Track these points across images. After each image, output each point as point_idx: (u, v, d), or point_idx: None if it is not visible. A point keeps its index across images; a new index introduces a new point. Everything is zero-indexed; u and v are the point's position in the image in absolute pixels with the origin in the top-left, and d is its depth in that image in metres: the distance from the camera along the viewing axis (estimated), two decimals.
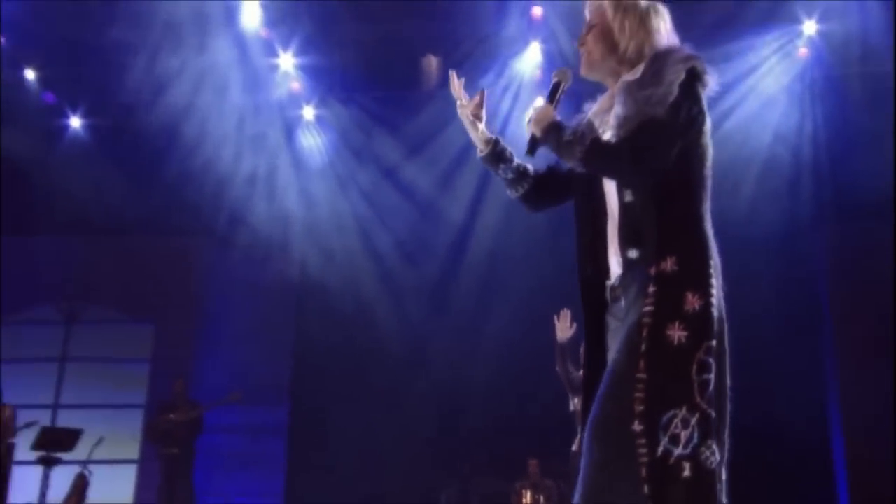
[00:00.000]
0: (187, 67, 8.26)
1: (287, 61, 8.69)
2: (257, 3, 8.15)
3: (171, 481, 7.98)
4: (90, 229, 9.12)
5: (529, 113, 2.37)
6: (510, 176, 2.53)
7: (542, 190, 2.57)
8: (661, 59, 2.23)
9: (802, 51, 8.00)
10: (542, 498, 7.17)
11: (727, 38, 7.54)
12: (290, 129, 9.33)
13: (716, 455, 2.03)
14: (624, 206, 2.22)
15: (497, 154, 2.50)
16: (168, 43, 8.11)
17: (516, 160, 2.54)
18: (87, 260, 9.38)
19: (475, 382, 8.08)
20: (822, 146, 8.09)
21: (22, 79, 8.87)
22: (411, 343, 8.74)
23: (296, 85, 9.01)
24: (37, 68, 8.87)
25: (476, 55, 8.69)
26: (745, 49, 7.78)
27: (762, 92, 8.12)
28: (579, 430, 4.98)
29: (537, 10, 8.22)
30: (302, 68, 8.81)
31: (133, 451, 9.29)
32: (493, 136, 2.53)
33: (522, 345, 6.18)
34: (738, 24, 7.58)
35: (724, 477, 2.12)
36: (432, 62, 9.05)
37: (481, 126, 2.54)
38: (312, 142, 9.34)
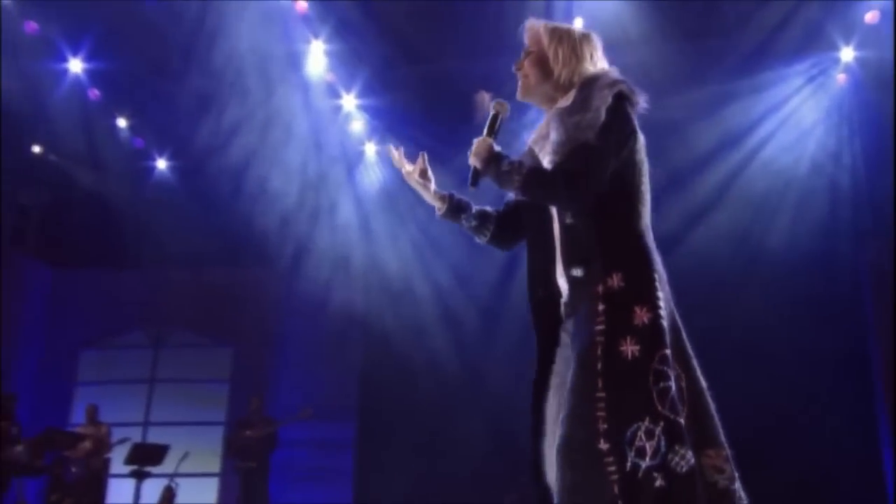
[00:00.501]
0: (257, 112, 8.63)
1: (349, 102, 9.04)
2: (322, 50, 8.52)
3: (248, 493, 8.18)
4: (173, 262, 9.42)
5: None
6: (474, 223, 2.51)
7: (506, 227, 2.53)
8: (588, 85, 2.24)
9: (841, 77, 7.98)
10: None
11: (763, 68, 7.58)
12: (351, 166, 9.60)
13: (688, 459, 1.97)
14: (566, 228, 2.22)
15: (455, 207, 2.51)
16: (239, 90, 8.51)
17: (475, 207, 2.53)
18: (172, 290, 9.68)
19: (527, 398, 8.11)
20: (860, 170, 8.00)
21: (114, 127, 9.43)
22: (466, 363, 8.81)
23: (357, 124, 9.35)
24: (127, 117, 9.34)
25: None
26: (780, 78, 7.81)
27: (800, 119, 8.12)
28: None
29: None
30: (363, 108, 9.14)
31: (215, 465, 9.50)
32: (446, 193, 2.53)
33: None
34: (773, 53, 7.60)
35: (735, 475, 2.09)
36: (484, 98, 9.27)
37: (432, 186, 2.53)
38: (373, 177, 9.62)
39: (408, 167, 2.53)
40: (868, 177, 8.01)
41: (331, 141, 9.18)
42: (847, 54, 7.76)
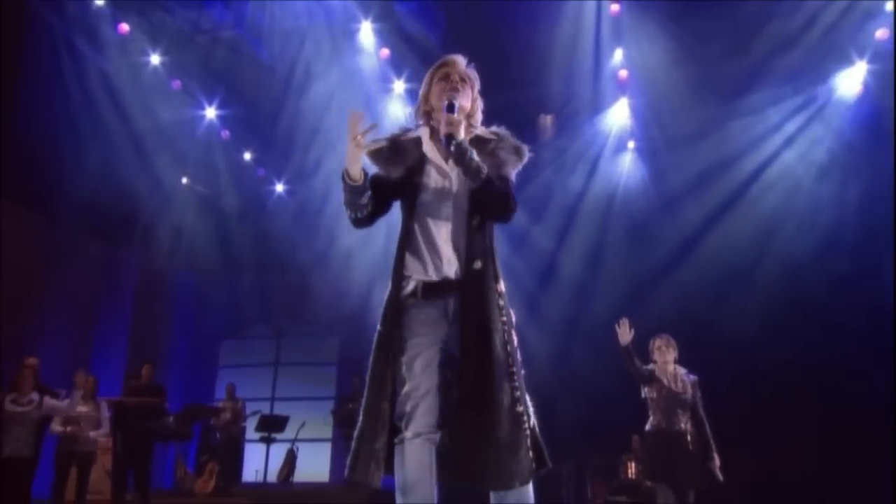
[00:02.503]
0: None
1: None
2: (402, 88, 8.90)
3: None
4: (287, 268, 9.88)
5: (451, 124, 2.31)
6: (363, 202, 2.36)
7: (375, 211, 2.43)
8: (507, 138, 2.42)
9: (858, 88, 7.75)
10: (643, 468, 7.23)
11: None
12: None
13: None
14: (471, 227, 2.30)
15: (365, 185, 2.34)
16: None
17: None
18: (288, 290, 10.17)
19: (571, 377, 8.29)
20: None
21: (241, 159, 10.13)
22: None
23: None
24: (251, 151, 10.06)
25: (580, 110, 8.99)
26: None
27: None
28: (652, 413, 5.09)
29: (623, 73, 8.46)
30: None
31: (328, 433, 9.90)
32: (364, 170, 2.38)
33: (605, 347, 6.26)
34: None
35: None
36: (547, 120, 9.38)
37: (361, 157, 2.37)
38: None
39: (360, 135, 2.29)
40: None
41: None
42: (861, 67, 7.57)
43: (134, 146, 8.82)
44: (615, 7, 7.81)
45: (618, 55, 8.26)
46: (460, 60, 2.46)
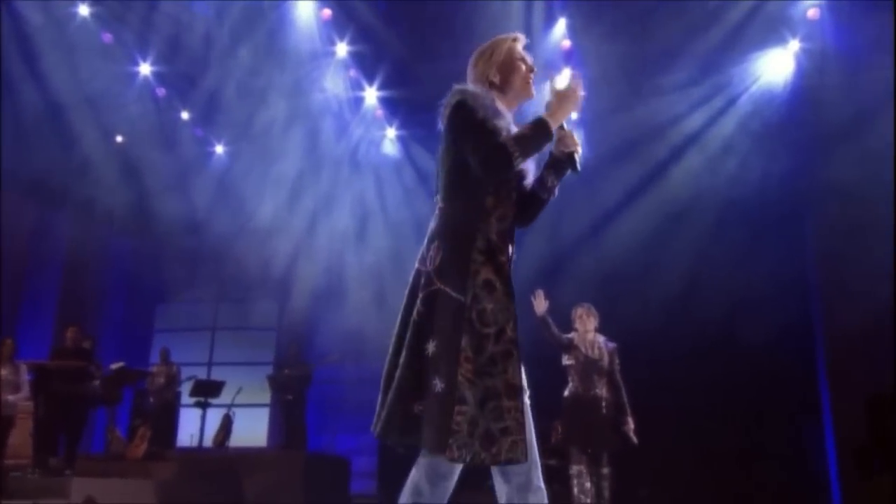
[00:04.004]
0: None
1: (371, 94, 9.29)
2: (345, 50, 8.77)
3: (288, 420, 8.55)
4: (226, 231, 9.58)
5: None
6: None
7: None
8: None
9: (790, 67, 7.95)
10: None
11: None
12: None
13: None
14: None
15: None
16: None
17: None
18: (228, 254, 9.83)
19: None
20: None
21: (178, 118, 9.76)
22: None
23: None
24: (189, 110, 9.65)
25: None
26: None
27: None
28: (570, 379, 5.25)
29: (566, 43, 8.45)
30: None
31: (265, 398, 9.86)
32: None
33: (528, 316, 6.37)
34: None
35: None
36: None
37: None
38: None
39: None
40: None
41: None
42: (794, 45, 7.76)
43: (62, 104, 8.51)
44: None
45: (560, 25, 8.26)
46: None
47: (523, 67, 2.36)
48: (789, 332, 7.99)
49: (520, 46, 2.40)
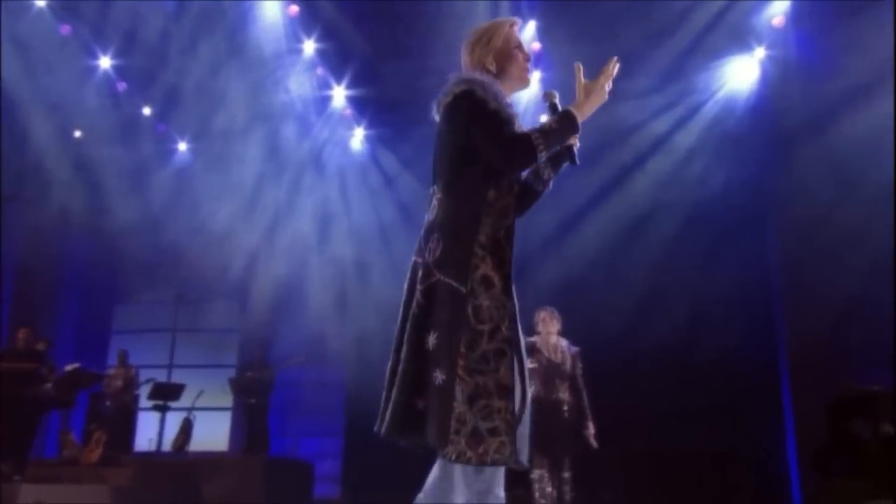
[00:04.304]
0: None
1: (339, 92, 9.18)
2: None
3: (251, 424, 8.40)
4: (189, 230, 9.36)
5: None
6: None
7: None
8: None
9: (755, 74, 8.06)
10: None
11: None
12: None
13: None
14: None
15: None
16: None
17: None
18: (190, 254, 9.52)
19: None
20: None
21: (140, 114, 9.55)
22: None
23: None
24: (151, 106, 9.43)
25: None
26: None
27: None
28: (532, 383, 5.18)
29: (536, 45, 8.46)
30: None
31: (228, 401, 9.59)
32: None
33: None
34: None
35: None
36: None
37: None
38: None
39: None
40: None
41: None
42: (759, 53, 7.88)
43: (17, 98, 8.26)
44: None
45: (530, 27, 8.26)
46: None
47: (520, 56, 2.33)
48: (752, 334, 8.09)
49: (517, 31, 2.37)
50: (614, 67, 2.26)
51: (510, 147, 2.14)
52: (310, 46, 8.65)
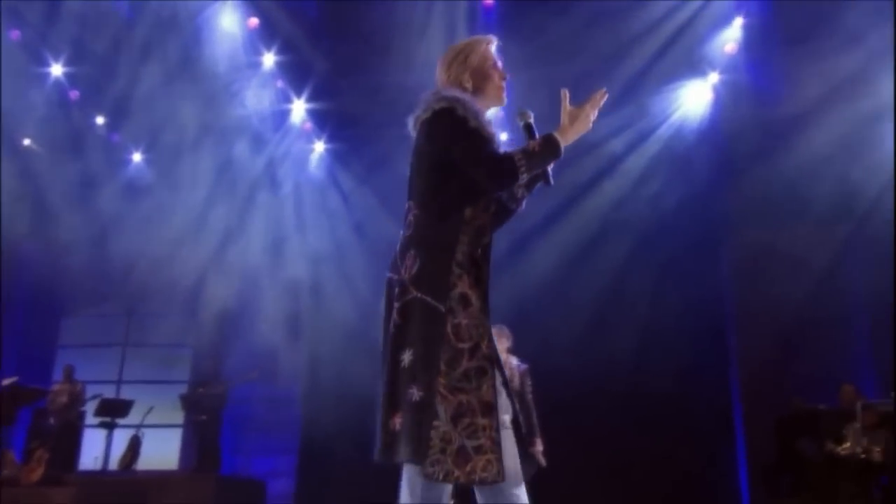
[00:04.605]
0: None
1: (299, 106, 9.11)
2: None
3: (202, 441, 8.19)
4: (140, 242, 9.11)
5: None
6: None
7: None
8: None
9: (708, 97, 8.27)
10: None
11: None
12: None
13: None
14: None
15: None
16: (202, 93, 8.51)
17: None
18: (142, 268, 9.34)
19: None
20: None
21: (93, 123, 9.32)
22: None
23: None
24: (105, 115, 9.21)
25: None
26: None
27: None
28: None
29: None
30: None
31: (180, 418, 9.36)
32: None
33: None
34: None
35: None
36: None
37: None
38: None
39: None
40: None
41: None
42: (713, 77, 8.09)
43: None
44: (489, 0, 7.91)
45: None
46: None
47: (496, 75, 2.33)
48: (703, 353, 8.24)
49: (493, 50, 2.37)
50: (602, 97, 2.26)
51: (492, 167, 2.14)
52: (269, 59, 8.60)
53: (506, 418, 2.14)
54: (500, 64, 2.36)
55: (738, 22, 7.58)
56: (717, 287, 8.52)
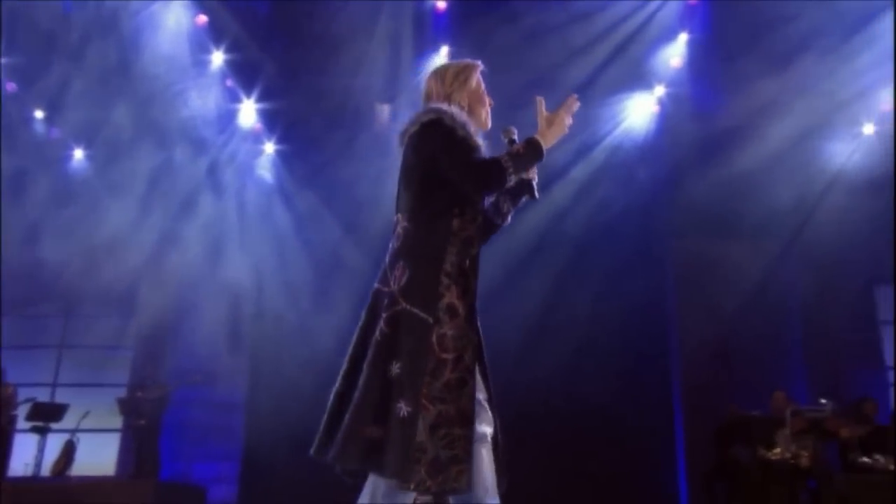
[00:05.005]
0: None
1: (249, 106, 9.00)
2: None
3: (139, 447, 8.02)
4: (78, 240, 8.85)
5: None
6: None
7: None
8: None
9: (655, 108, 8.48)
10: None
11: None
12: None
13: None
14: None
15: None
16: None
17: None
18: (81, 265, 9.00)
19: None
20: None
21: (32, 117, 9.05)
22: (339, 335, 8.86)
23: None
24: (43, 109, 8.97)
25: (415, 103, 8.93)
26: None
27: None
28: None
29: None
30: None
31: (117, 423, 9.08)
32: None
33: None
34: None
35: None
36: (384, 108, 9.28)
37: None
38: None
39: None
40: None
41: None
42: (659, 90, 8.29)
43: None
44: (441, 4, 7.96)
45: (443, 52, 8.40)
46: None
47: (486, 101, 2.46)
48: (647, 362, 8.44)
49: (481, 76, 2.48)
50: (574, 103, 2.39)
51: (481, 171, 2.22)
52: (218, 57, 8.50)
53: (488, 432, 2.18)
54: (484, 100, 2.48)
55: (683, 38, 7.80)
56: (659, 298, 8.74)
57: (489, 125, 2.46)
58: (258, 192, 9.41)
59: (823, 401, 6.85)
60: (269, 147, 9.48)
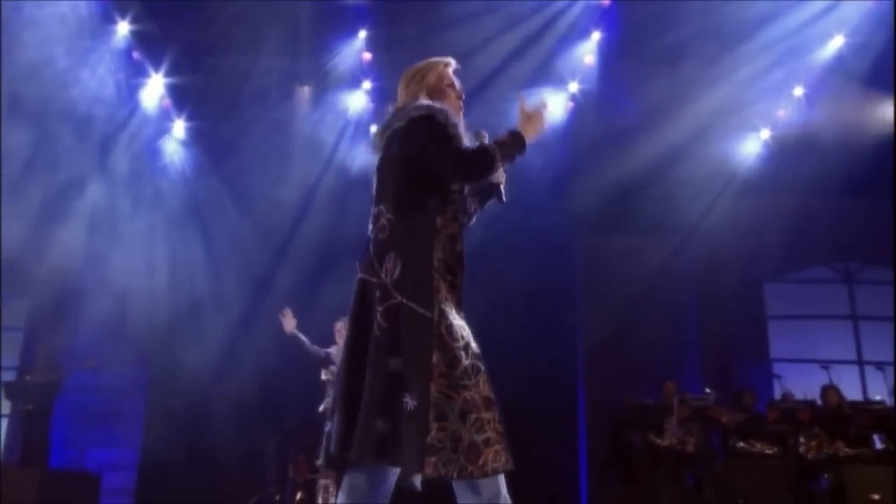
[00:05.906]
0: None
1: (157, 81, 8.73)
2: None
3: (27, 433, 7.70)
4: None
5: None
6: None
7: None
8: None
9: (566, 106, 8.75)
10: None
11: None
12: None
13: None
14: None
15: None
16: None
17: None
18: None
19: (290, 359, 8.22)
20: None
21: None
22: (238, 327, 8.84)
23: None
24: None
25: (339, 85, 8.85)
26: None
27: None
28: (327, 394, 5.31)
29: (366, 55, 8.58)
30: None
31: (3, 407, 8.62)
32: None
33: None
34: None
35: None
36: (304, 91, 9.15)
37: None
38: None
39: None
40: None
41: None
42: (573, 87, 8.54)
43: None
44: None
45: (361, 36, 8.38)
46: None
47: (452, 94, 2.49)
48: (555, 354, 8.76)
49: (450, 71, 2.53)
50: (545, 104, 2.48)
51: (470, 158, 2.30)
52: (124, 27, 8.20)
53: None
54: (457, 84, 2.53)
55: (596, 36, 8.07)
56: (566, 292, 9.07)
57: (460, 118, 2.49)
58: (157, 167, 9.16)
59: (708, 390, 7.35)
60: (179, 123, 9.19)
